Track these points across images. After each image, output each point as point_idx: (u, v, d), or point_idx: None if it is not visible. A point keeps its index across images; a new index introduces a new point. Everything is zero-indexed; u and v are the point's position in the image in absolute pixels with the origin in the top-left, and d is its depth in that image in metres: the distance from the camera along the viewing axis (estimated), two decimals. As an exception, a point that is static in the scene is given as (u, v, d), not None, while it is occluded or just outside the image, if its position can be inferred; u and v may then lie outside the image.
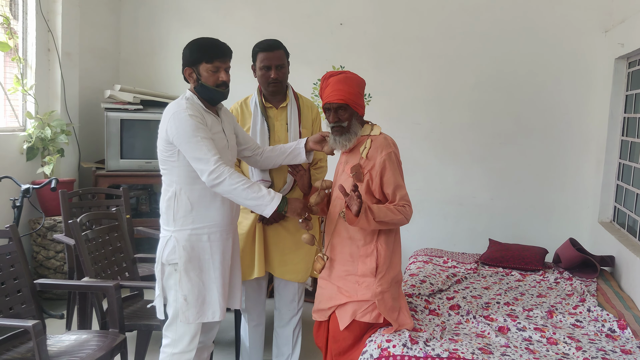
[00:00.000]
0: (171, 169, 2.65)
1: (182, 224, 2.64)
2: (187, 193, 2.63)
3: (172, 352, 2.69)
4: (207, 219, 2.66)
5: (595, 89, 4.90)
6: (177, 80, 5.52)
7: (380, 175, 2.61)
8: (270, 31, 5.25)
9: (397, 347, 2.53)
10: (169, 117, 2.59)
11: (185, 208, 2.64)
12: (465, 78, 5.16)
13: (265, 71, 3.05)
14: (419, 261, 4.15)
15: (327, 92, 2.66)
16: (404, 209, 2.57)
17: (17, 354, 2.69)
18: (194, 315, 2.64)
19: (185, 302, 2.63)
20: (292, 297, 3.29)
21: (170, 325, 2.69)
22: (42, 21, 4.68)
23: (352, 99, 2.63)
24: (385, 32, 5.25)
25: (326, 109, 2.67)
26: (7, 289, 2.81)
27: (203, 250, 2.66)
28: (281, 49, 3.08)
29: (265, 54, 3.03)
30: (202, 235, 2.66)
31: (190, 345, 2.68)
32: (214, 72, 2.63)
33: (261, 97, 3.16)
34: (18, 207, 4.00)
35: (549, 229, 5.06)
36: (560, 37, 4.96)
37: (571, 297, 3.45)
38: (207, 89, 2.65)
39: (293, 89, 3.23)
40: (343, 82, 2.64)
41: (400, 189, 2.61)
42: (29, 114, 4.56)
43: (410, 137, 5.17)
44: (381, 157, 2.61)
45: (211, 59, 2.62)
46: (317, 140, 2.90)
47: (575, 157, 5.03)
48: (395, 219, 2.54)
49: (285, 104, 3.16)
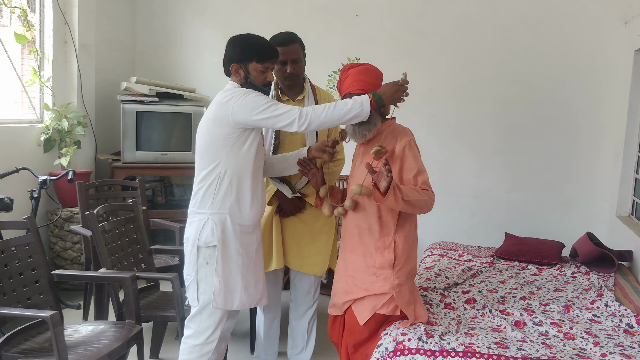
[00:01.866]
0: (220, 151, 2.64)
1: (220, 207, 2.67)
2: (231, 177, 2.65)
3: (194, 343, 2.71)
4: (241, 211, 2.69)
5: (615, 81, 4.83)
6: (193, 72, 5.54)
7: (401, 162, 2.60)
8: (285, 22, 5.24)
9: (412, 341, 2.52)
10: (230, 98, 2.61)
11: (227, 191, 2.66)
12: (482, 70, 5.11)
13: (281, 66, 3.03)
14: (434, 254, 4.13)
15: (347, 83, 2.66)
16: (427, 192, 2.55)
17: (35, 343, 2.72)
18: (222, 302, 2.67)
19: (219, 285, 2.65)
20: (307, 289, 3.29)
21: (195, 316, 2.71)
22: (59, 13, 4.70)
23: (372, 89, 2.64)
24: (402, 23, 5.21)
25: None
26: (25, 279, 2.84)
27: (234, 240, 2.70)
28: (296, 42, 3.05)
29: (280, 49, 2.99)
30: (235, 225, 2.69)
31: (212, 336, 2.71)
32: (263, 72, 2.67)
33: (277, 90, 3.15)
34: (35, 199, 4.04)
35: (566, 222, 5.01)
36: (579, 29, 4.89)
37: (588, 292, 3.42)
38: (255, 87, 2.68)
39: (310, 81, 3.22)
40: (363, 73, 2.66)
41: (422, 174, 2.60)
42: (46, 105, 4.60)
43: (426, 130, 5.13)
44: (401, 144, 2.61)
45: (262, 60, 2.65)
46: (318, 149, 2.88)
47: (593, 150, 4.97)
48: (421, 200, 2.50)
49: (302, 97, 3.15)
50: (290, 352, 3.39)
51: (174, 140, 5.00)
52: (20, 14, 4.40)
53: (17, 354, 2.61)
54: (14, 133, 4.30)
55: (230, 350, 3.62)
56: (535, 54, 4.99)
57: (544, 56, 4.98)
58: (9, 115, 4.44)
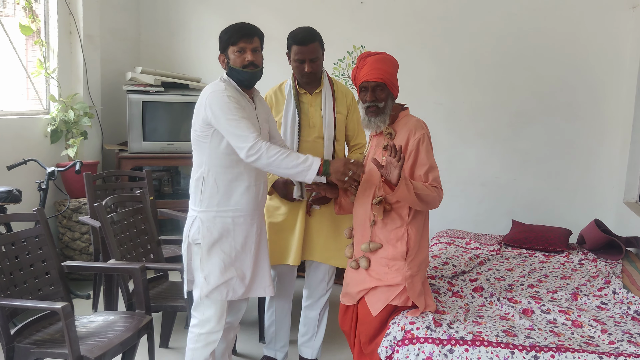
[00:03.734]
0: (202, 150, 2.67)
1: (207, 205, 2.67)
2: (215, 175, 2.66)
3: (200, 332, 2.73)
4: (232, 203, 2.68)
5: (622, 66, 4.80)
6: (198, 61, 5.53)
7: (414, 157, 2.59)
8: (291, 11, 5.24)
9: (420, 330, 2.54)
10: (207, 97, 2.61)
11: (212, 190, 2.66)
12: (488, 57, 5.08)
13: (299, 64, 3.03)
14: (442, 242, 4.14)
15: (364, 71, 2.62)
16: (436, 189, 2.55)
17: (46, 334, 2.75)
18: (216, 294, 2.68)
19: (205, 282, 2.67)
20: (322, 276, 3.30)
21: (197, 305, 2.73)
22: (63, 4, 4.69)
23: (389, 79, 2.61)
24: (407, 10, 5.18)
25: (362, 89, 2.64)
26: (36, 271, 2.86)
27: (227, 233, 2.69)
28: (316, 40, 3.02)
29: (299, 48, 2.98)
30: (226, 218, 2.68)
31: (217, 325, 2.72)
32: (241, 52, 2.64)
33: (295, 83, 3.15)
34: (44, 190, 4.06)
35: (573, 209, 5.01)
36: (587, 14, 4.86)
37: (596, 279, 3.42)
38: (236, 70, 2.66)
39: (328, 74, 3.21)
40: (381, 62, 2.62)
41: (433, 170, 2.59)
42: (52, 97, 4.60)
43: (433, 117, 5.08)
44: (415, 138, 2.59)
45: (235, 41, 2.64)
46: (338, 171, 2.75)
47: (600, 136, 4.96)
48: (430, 196, 2.50)
49: (319, 90, 3.14)
50: (301, 339, 3.41)
51: (180, 130, 5.00)
52: (25, 5, 4.39)
53: (30, 344, 2.64)
54: (20, 125, 4.31)
55: (239, 340, 3.65)
56: (542, 40, 4.96)
57: (551, 42, 4.95)
58: (15, 107, 4.45)
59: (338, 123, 3.15)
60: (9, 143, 4.15)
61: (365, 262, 2.68)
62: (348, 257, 2.83)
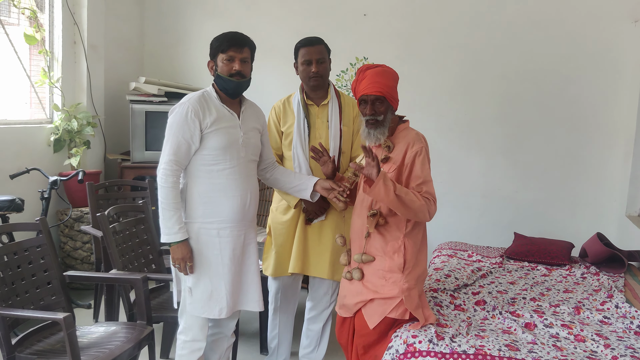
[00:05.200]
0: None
1: (192, 217, 2.68)
2: (197, 186, 2.67)
3: (185, 339, 2.75)
4: (215, 214, 2.67)
5: (624, 79, 4.81)
6: (201, 71, 5.54)
7: (409, 169, 2.59)
8: (294, 23, 5.27)
9: (423, 343, 2.53)
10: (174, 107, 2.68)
11: (194, 201, 2.68)
12: (490, 69, 5.09)
13: (307, 66, 3.07)
14: (444, 255, 4.13)
15: (363, 85, 2.62)
16: (427, 200, 2.53)
17: (47, 345, 2.74)
18: (199, 310, 2.69)
19: (190, 294, 2.68)
20: (326, 290, 3.29)
21: (181, 313, 2.76)
22: (68, 14, 4.72)
23: (389, 92, 2.62)
24: (410, 22, 5.21)
25: (362, 101, 2.65)
26: (38, 281, 2.86)
27: (212, 245, 2.69)
28: (322, 44, 3.11)
29: (306, 49, 3.05)
30: (211, 230, 2.68)
31: (200, 334, 2.73)
32: (229, 61, 2.65)
33: (303, 94, 3.17)
34: (46, 199, 4.07)
35: (575, 222, 5.00)
36: (589, 27, 4.87)
37: (598, 293, 3.41)
38: (222, 78, 2.67)
39: (335, 87, 3.24)
40: (381, 75, 2.62)
41: (427, 184, 2.58)
42: (55, 106, 4.62)
43: (435, 129, 5.12)
44: (412, 151, 2.60)
45: (226, 49, 2.65)
46: (325, 187, 2.86)
47: (602, 149, 4.95)
48: (415, 203, 2.48)
49: (326, 102, 3.17)
50: (303, 351, 3.40)
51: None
52: (30, 15, 4.42)
53: (31, 355, 2.63)
54: (24, 133, 4.32)
55: (240, 351, 3.64)
56: (544, 52, 4.97)
57: (553, 54, 4.96)
58: (19, 116, 4.47)
59: (344, 135, 3.16)
60: (12, 152, 4.16)
61: (358, 273, 2.68)
62: (343, 265, 2.82)
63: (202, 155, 2.65)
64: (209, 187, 2.67)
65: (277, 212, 3.25)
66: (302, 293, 3.56)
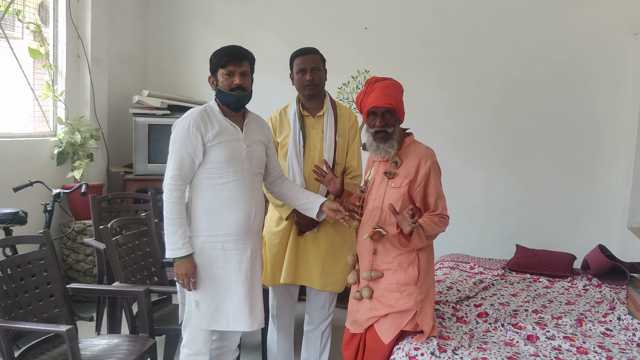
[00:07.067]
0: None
1: (196, 231, 2.69)
2: (201, 200, 2.68)
3: (188, 352, 2.75)
4: (220, 227, 2.67)
5: (625, 92, 4.83)
6: (204, 84, 5.56)
7: (425, 186, 2.62)
8: (295, 36, 5.30)
9: (425, 356, 2.52)
10: (177, 122, 2.72)
11: (198, 214, 2.68)
12: (492, 82, 5.12)
13: (301, 74, 3.09)
14: (446, 267, 4.13)
15: (373, 97, 2.63)
16: (444, 219, 2.61)
17: (50, 357, 2.74)
18: (206, 322, 2.69)
19: (196, 307, 2.68)
20: (323, 302, 3.29)
21: (185, 326, 2.76)
22: (72, 28, 4.77)
23: (398, 104, 2.65)
24: (411, 36, 5.24)
25: (371, 114, 2.66)
26: (41, 293, 2.86)
27: (217, 259, 2.69)
28: (317, 53, 3.14)
29: (300, 58, 3.07)
30: (216, 243, 2.68)
31: (203, 347, 2.73)
32: (229, 75, 2.67)
33: (299, 105, 3.18)
34: (49, 212, 4.08)
35: (577, 234, 5.00)
36: (589, 41, 4.90)
37: (600, 305, 3.40)
38: (223, 93, 2.69)
39: (331, 98, 3.25)
40: (390, 87, 2.65)
41: (441, 199, 2.65)
42: (59, 119, 4.65)
43: (436, 142, 5.05)
44: (426, 166, 2.62)
45: (225, 64, 2.67)
46: (332, 208, 2.83)
47: (604, 161, 4.96)
48: (438, 232, 2.59)
49: (322, 112, 3.18)
50: (304, 365, 3.40)
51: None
52: (35, 29, 4.46)
53: (33, 367, 2.63)
54: (27, 147, 4.35)
55: (242, 363, 3.63)
56: (545, 65, 5.00)
57: (554, 68, 4.98)
58: (22, 129, 4.49)
59: (339, 147, 3.16)
60: (15, 165, 4.18)
61: (367, 292, 2.68)
62: (351, 284, 2.80)
63: (206, 169, 2.66)
64: (213, 200, 2.67)
65: (270, 222, 3.26)
66: (301, 306, 3.55)
